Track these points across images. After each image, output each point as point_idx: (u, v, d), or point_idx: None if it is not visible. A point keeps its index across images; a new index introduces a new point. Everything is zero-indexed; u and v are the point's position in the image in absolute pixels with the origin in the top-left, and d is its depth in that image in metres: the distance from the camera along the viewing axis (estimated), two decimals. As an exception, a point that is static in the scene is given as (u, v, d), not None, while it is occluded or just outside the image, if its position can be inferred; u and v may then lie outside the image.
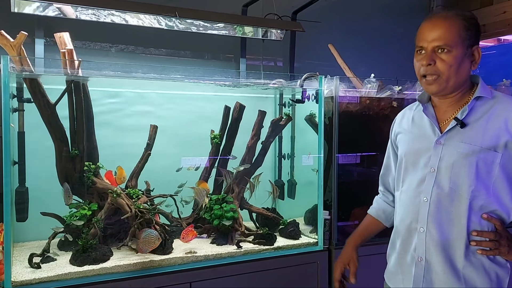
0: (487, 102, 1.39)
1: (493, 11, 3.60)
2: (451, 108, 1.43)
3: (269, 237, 2.38)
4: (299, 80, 2.52)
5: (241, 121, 2.59)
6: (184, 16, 2.41)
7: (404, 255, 1.47)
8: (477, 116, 1.37)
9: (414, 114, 1.55)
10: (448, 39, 1.33)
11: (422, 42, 1.37)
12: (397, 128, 1.62)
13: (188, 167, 2.45)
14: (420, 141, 1.46)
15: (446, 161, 1.37)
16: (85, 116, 2.17)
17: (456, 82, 1.37)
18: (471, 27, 1.37)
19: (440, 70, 1.34)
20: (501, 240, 1.33)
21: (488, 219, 1.34)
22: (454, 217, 1.35)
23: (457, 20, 1.35)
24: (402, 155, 1.52)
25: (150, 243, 2.11)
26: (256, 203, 2.61)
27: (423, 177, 1.41)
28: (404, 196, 1.49)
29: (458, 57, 1.34)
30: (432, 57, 1.35)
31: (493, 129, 1.33)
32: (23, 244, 2.25)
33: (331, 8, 3.29)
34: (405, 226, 1.46)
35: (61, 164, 2.14)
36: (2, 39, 1.86)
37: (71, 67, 2.03)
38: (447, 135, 1.39)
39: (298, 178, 2.88)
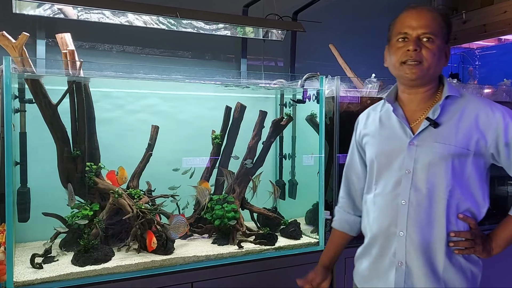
0: (456, 101, 1.39)
1: (494, 10, 3.59)
2: (420, 108, 1.42)
3: (270, 237, 2.38)
4: (300, 80, 2.53)
5: (242, 121, 2.59)
6: (185, 16, 2.42)
7: (381, 260, 1.43)
8: (448, 116, 1.37)
9: (381, 115, 1.51)
10: (433, 28, 1.34)
11: (407, 29, 1.35)
12: (362, 130, 1.57)
13: (183, 172, 2.45)
14: (391, 143, 1.43)
15: (421, 162, 1.35)
16: (87, 117, 2.18)
17: (434, 73, 1.38)
18: (449, 25, 1.40)
19: (424, 56, 1.33)
20: (476, 239, 1.35)
21: (464, 219, 1.35)
22: (434, 218, 1.34)
23: (439, 14, 1.38)
24: (372, 157, 1.48)
25: (179, 229, 2.16)
26: (257, 203, 2.61)
27: (399, 179, 1.38)
28: (379, 199, 1.44)
29: (439, 48, 1.35)
30: (418, 43, 1.34)
31: (465, 128, 1.34)
32: (25, 245, 2.26)
33: (331, 8, 3.29)
34: (383, 230, 1.42)
35: (63, 165, 2.15)
36: (4, 40, 1.87)
37: (73, 67, 2.04)
38: (420, 136, 1.37)
39: (299, 178, 2.88)
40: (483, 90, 3.15)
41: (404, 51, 1.35)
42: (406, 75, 1.36)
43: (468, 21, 3.77)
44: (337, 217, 1.68)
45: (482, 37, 3.76)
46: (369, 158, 1.50)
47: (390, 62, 1.43)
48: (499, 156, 1.36)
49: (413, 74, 1.35)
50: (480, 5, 3.73)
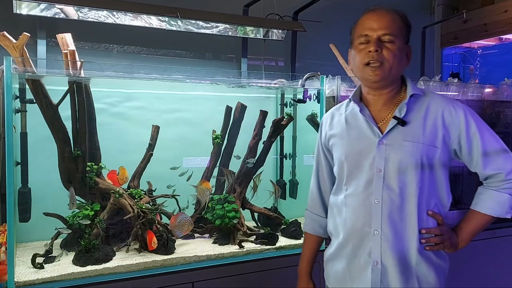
0: (420, 99, 1.43)
1: (495, 10, 3.60)
2: (386, 107, 1.44)
3: (271, 237, 2.38)
4: (300, 80, 2.52)
5: (242, 121, 2.59)
6: (186, 16, 2.42)
7: (355, 260, 1.44)
8: (414, 114, 1.40)
9: (346, 115, 1.52)
10: (393, 29, 1.37)
11: (368, 31, 1.38)
12: (328, 131, 1.57)
13: (180, 173, 2.45)
14: (360, 143, 1.44)
15: (392, 161, 1.37)
16: (87, 117, 2.18)
17: (396, 74, 1.40)
18: (407, 25, 1.42)
19: (385, 57, 1.35)
20: (445, 235, 1.40)
21: (433, 215, 1.39)
22: (406, 216, 1.37)
23: (398, 16, 1.40)
24: (341, 158, 1.48)
25: (184, 228, 2.18)
26: (258, 203, 2.61)
27: (370, 178, 1.40)
28: (351, 199, 1.44)
29: (400, 49, 1.37)
30: (379, 44, 1.36)
31: (431, 124, 1.38)
32: (26, 245, 2.26)
33: (332, 8, 3.29)
34: (357, 230, 1.42)
35: (64, 165, 2.15)
36: (5, 40, 1.87)
37: (73, 68, 2.04)
38: (389, 135, 1.39)
39: (300, 178, 2.88)
40: (484, 89, 3.15)
41: (366, 52, 1.37)
42: (369, 77, 1.38)
43: (468, 21, 3.77)
44: (308, 221, 1.68)
45: (482, 36, 3.76)
46: (338, 159, 1.50)
47: (354, 65, 1.46)
48: (460, 152, 1.41)
49: (376, 76, 1.37)
50: (480, 4, 3.73)
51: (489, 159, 1.39)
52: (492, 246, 2.81)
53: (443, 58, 4.11)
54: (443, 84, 3.03)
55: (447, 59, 4.16)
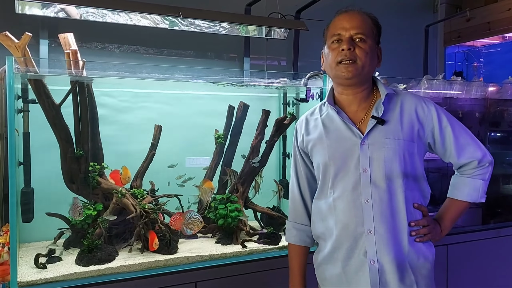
0: (393, 98, 1.48)
1: (498, 8, 3.58)
2: (362, 108, 1.47)
3: (274, 236, 2.37)
4: (303, 79, 2.52)
5: (245, 120, 2.59)
6: (188, 16, 2.41)
7: (350, 262, 1.43)
8: (390, 112, 1.44)
9: (323, 119, 1.52)
10: (364, 29, 1.41)
11: (340, 31, 1.42)
12: (305, 137, 1.56)
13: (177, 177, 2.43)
14: (341, 145, 1.45)
15: (377, 159, 1.40)
16: (90, 117, 2.18)
17: (368, 72, 1.43)
18: (378, 27, 1.48)
19: (358, 55, 1.39)
20: (430, 225, 1.45)
21: (419, 207, 1.44)
22: (396, 211, 1.40)
23: (369, 17, 1.46)
24: (325, 161, 1.47)
25: (193, 226, 2.19)
26: (261, 202, 2.60)
27: (357, 179, 1.41)
28: (339, 202, 1.44)
29: (371, 48, 1.42)
30: (351, 43, 1.40)
31: (407, 121, 1.43)
32: (29, 245, 2.26)
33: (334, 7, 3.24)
34: (350, 232, 1.42)
35: (66, 165, 2.15)
36: (7, 40, 1.87)
37: (76, 67, 2.04)
38: (371, 134, 1.42)
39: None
40: (488, 88, 3.14)
41: (339, 51, 1.40)
42: (342, 74, 1.41)
43: (472, 19, 3.76)
44: (294, 232, 1.61)
45: (486, 34, 3.74)
46: (322, 163, 1.49)
47: (326, 64, 1.49)
48: (434, 145, 1.47)
49: (349, 73, 1.40)
50: (484, 2, 3.71)
51: (462, 149, 1.46)
52: (495, 245, 2.80)
53: (446, 57, 4.10)
54: (446, 82, 3.02)
55: (450, 57, 4.15)
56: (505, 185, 3.12)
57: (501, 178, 3.11)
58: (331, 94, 1.54)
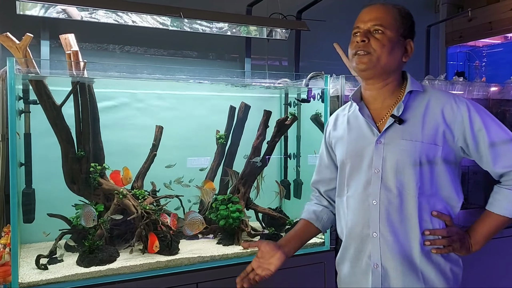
0: (420, 95, 1.39)
1: (500, 8, 3.57)
2: (386, 105, 1.41)
3: (275, 237, 2.37)
4: (304, 79, 2.51)
5: (246, 121, 2.58)
6: (189, 16, 2.41)
7: (357, 264, 1.41)
8: (413, 111, 1.37)
9: (349, 116, 1.51)
10: (384, 20, 1.36)
11: (359, 23, 1.39)
12: (332, 132, 1.57)
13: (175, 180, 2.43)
14: (359, 143, 1.42)
15: (389, 160, 1.34)
16: (91, 117, 2.17)
17: (387, 65, 1.36)
18: (406, 19, 1.40)
19: (373, 47, 1.35)
20: (453, 236, 1.34)
21: (438, 216, 1.33)
22: (406, 217, 1.33)
23: (394, 8, 1.39)
24: (342, 159, 1.47)
25: (194, 226, 2.18)
26: (262, 203, 2.60)
27: (369, 179, 1.37)
28: (351, 201, 1.43)
29: (391, 40, 1.35)
30: (367, 35, 1.36)
31: (431, 122, 1.34)
32: (30, 245, 2.26)
33: (336, 7, 3.28)
34: (357, 232, 1.40)
35: (68, 166, 2.14)
36: (8, 41, 1.87)
37: (77, 68, 2.04)
38: (387, 133, 1.37)
39: (304, 177, 2.87)
40: (490, 88, 3.13)
41: (355, 43, 1.38)
42: (356, 66, 1.38)
43: (474, 19, 3.75)
44: (305, 209, 1.65)
45: (488, 34, 3.73)
46: (340, 160, 1.49)
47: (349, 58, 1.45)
48: (468, 149, 1.35)
49: (363, 64, 1.36)
50: (486, 2, 3.70)
51: (498, 156, 1.31)
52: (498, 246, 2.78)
53: (448, 57, 4.09)
54: (448, 83, 3.01)
55: (452, 57, 4.14)
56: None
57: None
58: (359, 90, 1.50)
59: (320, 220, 1.60)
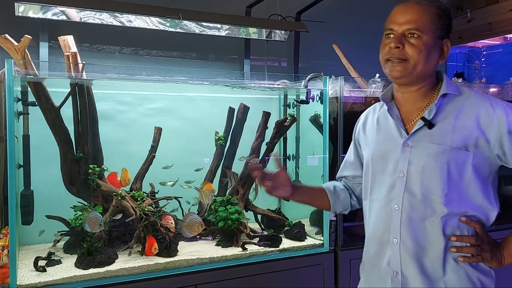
0: (454, 99, 1.30)
1: (499, 9, 3.56)
2: (417, 107, 1.33)
3: (274, 238, 2.36)
4: (303, 80, 2.51)
5: (245, 122, 2.58)
6: (188, 18, 2.41)
7: (377, 269, 1.36)
8: (445, 115, 1.28)
9: (379, 115, 1.45)
10: (420, 23, 1.25)
11: (392, 25, 1.28)
12: (361, 130, 1.52)
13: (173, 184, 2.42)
14: (386, 145, 1.36)
15: (415, 164, 1.27)
16: (90, 119, 2.17)
17: (423, 71, 1.28)
18: (444, 17, 1.30)
19: (408, 54, 1.25)
20: (483, 245, 1.24)
21: (467, 222, 1.24)
22: (429, 224, 1.25)
23: (431, 7, 1.28)
24: (368, 160, 1.41)
25: (193, 228, 2.17)
26: (262, 204, 2.60)
27: (393, 183, 1.31)
28: (374, 204, 1.38)
29: (428, 45, 1.26)
30: (401, 40, 1.26)
31: (463, 127, 1.25)
32: (29, 247, 2.26)
33: (335, 8, 3.28)
34: (377, 237, 1.35)
35: (66, 167, 2.14)
36: (6, 42, 1.87)
37: (75, 70, 2.04)
38: (415, 136, 1.30)
39: (303, 178, 2.86)
40: (489, 89, 3.13)
41: (388, 47, 1.29)
42: (390, 73, 1.30)
43: (473, 20, 3.74)
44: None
45: (487, 35, 3.73)
46: (366, 161, 1.45)
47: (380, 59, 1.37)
48: (505, 157, 1.24)
49: (397, 72, 1.28)
50: (485, 3, 3.70)
51: None
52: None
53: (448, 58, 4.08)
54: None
55: (451, 58, 4.14)
56: (507, 186, 3.11)
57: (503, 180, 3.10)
58: (390, 90, 1.42)
59: (336, 195, 1.54)
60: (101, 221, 2.04)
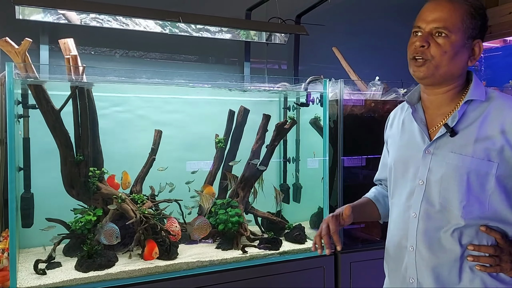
0: (481, 105, 1.24)
1: (499, 12, 3.57)
2: (442, 112, 1.29)
3: (274, 241, 2.36)
4: (303, 83, 2.51)
5: (245, 125, 2.58)
6: (188, 20, 2.41)
7: (395, 274, 1.36)
8: (468, 122, 1.23)
9: (405, 116, 1.41)
10: (449, 22, 1.20)
11: (421, 23, 1.24)
12: (388, 130, 1.50)
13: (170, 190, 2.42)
14: (409, 149, 1.33)
15: (435, 173, 1.24)
16: (90, 122, 2.17)
17: (448, 73, 1.23)
18: (477, 17, 1.24)
19: (432, 54, 1.21)
20: (502, 256, 1.20)
21: (487, 231, 1.20)
22: (444, 234, 1.23)
23: (463, 5, 1.22)
24: (391, 163, 1.40)
25: (202, 231, 2.22)
26: (262, 207, 2.59)
27: (412, 190, 1.29)
28: (394, 210, 1.38)
29: (455, 45, 1.21)
30: (427, 39, 1.22)
31: (487, 136, 1.20)
32: (29, 250, 2.25)
33: (335, 11, 3.28)
34: (395, 243, 1.34)
35: (66, 170, 2.14)
36: (7, 46, 1.87)
37: (76, 73, 2.04)
38: (436, 143, 1.26)
39: (303, 181, 2.86)
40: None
41: (414, 46, 1.25)
42: (414, 72, 1.27)
43: (472, 22, 3.74)
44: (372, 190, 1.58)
45: (487, 38, 3.73)
46: (389, 164, 1.43)
47: None
48: None
49: (420, 73, 1.24)
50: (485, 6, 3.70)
51: None
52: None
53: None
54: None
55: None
56: None
57: None
58: (417, 91, 1.37)
59: (384, 205, 1.52)
60: (118, 233, 2.03)
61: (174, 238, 2.23)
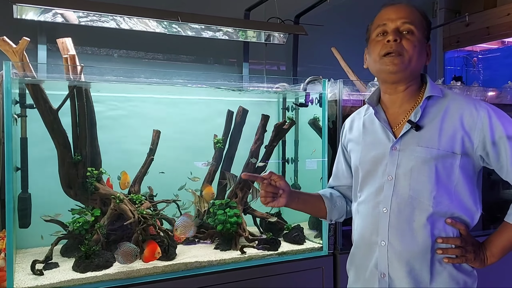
0: (439, 101, 1.32)
1: (497, 13, 3.58)
2: (403, 110, 1.35)
3: (273, 242, 2.36)
4: (302, 84, 2.51)
5: (244, 125, 2.58)
6: (187, 20, 2.41)
7: (363, 271, 1.37)
8: (431, 117, 1.30)
9: (364, 119, 1.46)
10: (413, 19, 1.29)
11: (386, 21, 1.30)
12: (347, 135, 1.53)
13: None
14: (375, 148, 1.37)
15: (403, 167, 1.29)
16: (88, 122, 2.16)
17: (415, 68, 1.30)
18: (427, 21, 1.35)
19: (405, 47, 1.27)
20: (467, 246, 1.28)
21: (453, 224, 1.27)
22: (417, 227, 1.27)
23: (417, 10, 1.34)
24: (356, 164, 1.43)
25: (184, 229, 2.18)
26: (261, 208, 2.59)
27: (381, 186, 1.33)
28: (362, 207, 1.40)
29: (421, 41, 1.29)
30: (398, 34, 1.28)
31: (449, 129, 1.27)
32: (26, 251, 2.24)
33: (334, 11, 3.28)
34: (365, 240, 1.37)
35: (64, 170, 2.13)
36: (5, 45, 1.86)
37: (74, 72, 2.03)
38: (403, 139, 1.31)
39: (302, 182, 2.86)
40: (487, 92, 3.13)
41: (384, 43, 1.28)
42: (387, 67, 1.28)
43: (471, 24, 3.76)
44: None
45: (485, 39, 3.75)
46: (354, 165, 1.46)
47: (370, 60, 1.36)
48: (488, 158, 1.27)
49: (395, 66, 1.27)
50: (483, 7, 3.71)
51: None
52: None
53: (446, 62, 4.10)
54: (446, 87, 3.02)
55: (449, 62, 4.15)
56: (505, 190, 3.11)
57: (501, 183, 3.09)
58: (376, 93, 1.43)
59: (333, 202, 1.54)
60: (137, 251, 2.00)
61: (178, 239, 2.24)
